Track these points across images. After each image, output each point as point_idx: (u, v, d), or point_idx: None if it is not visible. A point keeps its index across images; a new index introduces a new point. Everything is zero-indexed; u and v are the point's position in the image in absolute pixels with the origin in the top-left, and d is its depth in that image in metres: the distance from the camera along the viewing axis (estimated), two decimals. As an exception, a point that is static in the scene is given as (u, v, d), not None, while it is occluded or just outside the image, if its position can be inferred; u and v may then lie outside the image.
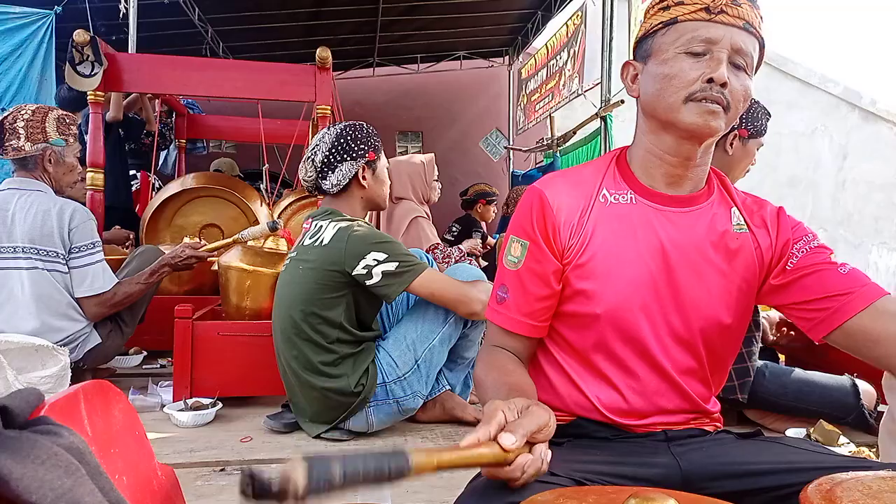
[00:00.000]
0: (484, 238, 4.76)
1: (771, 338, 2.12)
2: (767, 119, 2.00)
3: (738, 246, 1.01)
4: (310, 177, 2.03)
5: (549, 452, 0.76)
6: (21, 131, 2.30)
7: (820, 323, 0.95)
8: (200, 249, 2.49)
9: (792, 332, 2.11)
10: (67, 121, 2.39)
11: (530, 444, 0.75)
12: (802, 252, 1.00)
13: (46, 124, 2.34)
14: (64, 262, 2.29)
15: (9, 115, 2.32)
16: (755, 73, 0.97)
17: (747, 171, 2.02)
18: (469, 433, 0.72)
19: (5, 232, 2.23)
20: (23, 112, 2.32)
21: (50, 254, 2.26)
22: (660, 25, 0.96)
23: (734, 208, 1.04)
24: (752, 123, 1.94)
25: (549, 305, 1.01)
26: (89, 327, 2.34)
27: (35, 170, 2.35)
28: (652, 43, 0.98)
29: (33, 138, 2.32)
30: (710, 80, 0.91)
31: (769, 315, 2.14)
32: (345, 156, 1.98)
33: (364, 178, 2.02)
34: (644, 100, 1.00)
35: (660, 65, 0.95)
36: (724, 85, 0.91)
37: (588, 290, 0.98)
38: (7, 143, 2.30)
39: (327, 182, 2.00)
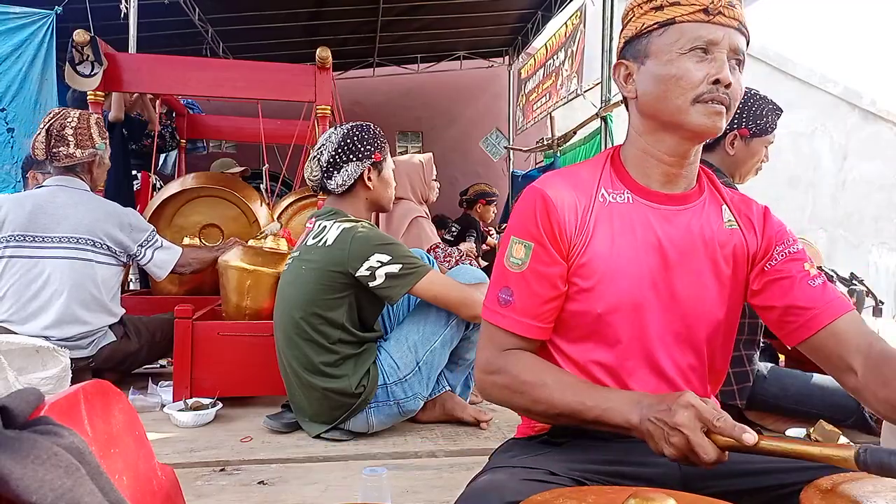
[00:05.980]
0: (483, 238, 4.75)
1: None
2: (776, 116, 1.92)
3: (730, 243, 1.03)
4: (315, 176, 2.02)
5: None
6: (70, 138, 2.40)
7: (789, 333, 0.99)
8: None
9: None
10: (103, 124, 2.53)
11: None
12: (782, 256, 1.02)
13: (92, 130, 2.46)
14: (115, 255, 2.41)
15: (54, 121, 2.40)
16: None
17: (759, 169, 1.98)
18: (469, 433, 0.72)
19: (51, 223, 2.31)
20: (69, 119, 2.41)
21: (104, 245, 2.38)
22: (655, 26, 0.96)
23: (724, 205, 1.06)
24: (754, 122, 1.89)
25: (555, 307, 1.00)
26: (107, 327, 2.41)
27: (82, 172, 2.47)
28: (648, 43, 0.97)
29: (83, 145, 2.43)
30: (716, 82, 0.92)
31: None
32: (350, 156, 1.98)
33: (369, 179, 2.02)
34: (644, 101, 0.99)
35: (662, 66, 0.95)
36: (728, 86, 0.92)
37: (589, 289, 0.98)
38: (57, 151, 2.39)
39: (332, 182, 1.99)
